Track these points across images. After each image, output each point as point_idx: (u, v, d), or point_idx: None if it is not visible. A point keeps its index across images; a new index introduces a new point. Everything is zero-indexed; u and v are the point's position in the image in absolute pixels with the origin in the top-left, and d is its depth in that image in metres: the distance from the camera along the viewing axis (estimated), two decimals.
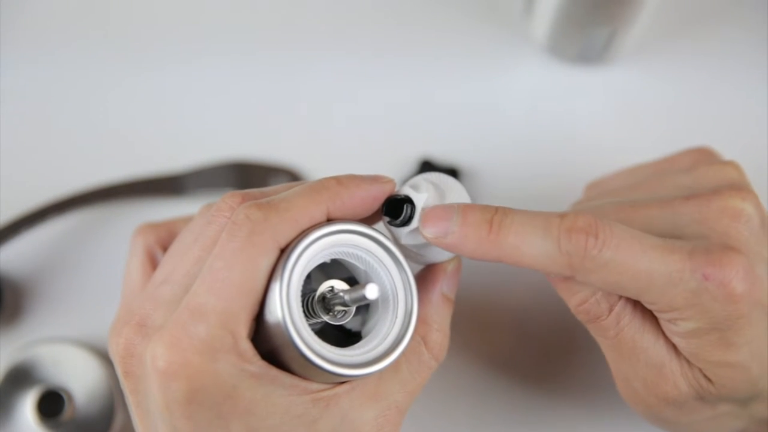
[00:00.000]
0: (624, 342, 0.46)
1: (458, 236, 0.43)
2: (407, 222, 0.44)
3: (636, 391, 0.48)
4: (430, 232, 0.43)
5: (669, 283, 0.42)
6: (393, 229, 0.45)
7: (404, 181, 0.46)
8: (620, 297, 0.45)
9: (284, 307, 0.39)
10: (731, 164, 0.48)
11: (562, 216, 0.42)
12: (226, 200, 0.42)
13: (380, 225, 0.46)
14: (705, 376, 0.45)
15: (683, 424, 0.49)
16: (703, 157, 0.52)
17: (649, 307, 0.44)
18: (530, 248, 0.42)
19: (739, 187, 0.46)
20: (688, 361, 0.46)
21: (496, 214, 0.43)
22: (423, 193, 0.44)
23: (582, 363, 0.60)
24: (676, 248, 0.42)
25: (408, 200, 0.44)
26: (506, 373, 0.61)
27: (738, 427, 0.49)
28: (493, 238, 0.42)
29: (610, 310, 0.45)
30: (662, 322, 0.45)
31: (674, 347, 0.46)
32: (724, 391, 0.45)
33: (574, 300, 0.46)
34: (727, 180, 0.47)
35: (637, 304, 0.45)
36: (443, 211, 0.43)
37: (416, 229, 0.44)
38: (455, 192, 0.45)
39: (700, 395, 0.46)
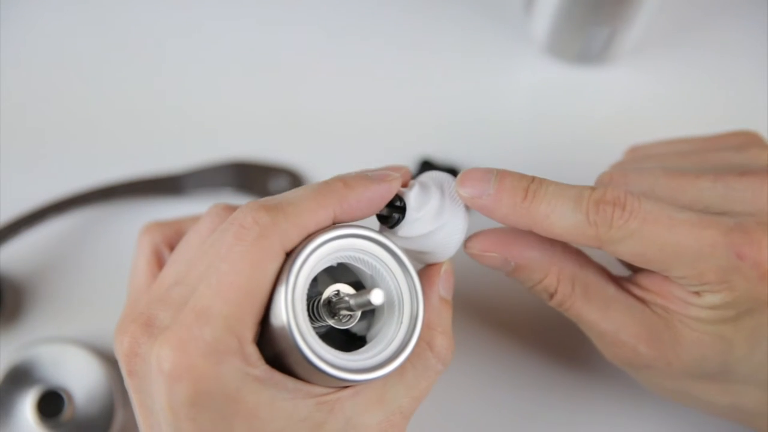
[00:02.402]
0: (571, 316, 0.48)
1: (493, 199, 0.44)
2: (393, 226, 0.44)
3: (601, 349, 0.49)
4: (466, 192, 0.44)
5: (698, 256, 0.43)
6: (379, 224, 0.45)
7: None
8: (557, 288, 0.47)
9: (289, 311, 0.39)
10: None
11: (593, 188, 0.43)
12: (244, 209, 0.42)
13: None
14: (677, 333, 0.46)
15: (666, 389, 0.50)
16: (753, 139, 0.52)
17: (676, 281, 0.45)
18: (560, 218, 0.43)
19: None
20: (651, 325, 0.46)
21: (532, 183, 0.44)
22: (420, 212, 0.44)
23: (583, 361, 0.60)
24: (713, 223, 0.43)
25: (401, 210, 0.44)
26: (506, 371, 0.61)
27: (712, 412, 0.50)
28: (527, 205, 0.43)
29: (551, 297, 0.47)
30: (681, 292, 0.45)
31: (630, 315, 0.47)
32: (692, 355, 0.46)
33: (524, 286, 0.48)
34: None
35: (575, 288, 0.47)
36: (481, 173, 0.44)
37: (400, 237, 0.44)
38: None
39: (664, 359, 0.47)
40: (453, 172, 0.63)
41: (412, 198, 0.44)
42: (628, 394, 0.58)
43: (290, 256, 0.40)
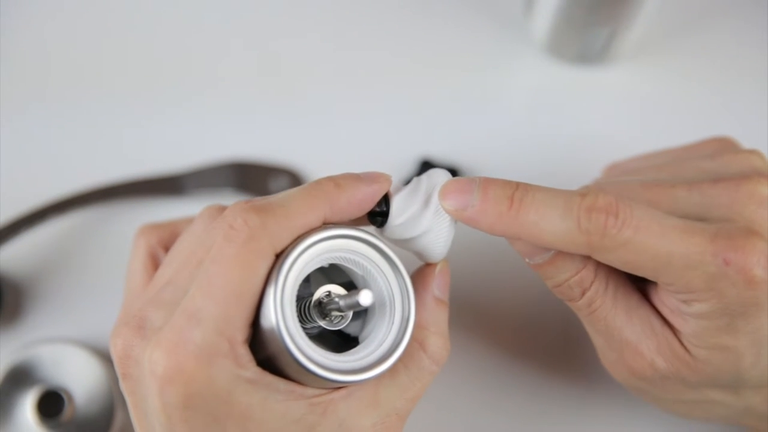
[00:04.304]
0: (597, 320, 0.46)
1: (478, 211, 0.43)
2: (380, 226, 0.44)
3: (613, 362, 0.49)
4: (449, 205, 0.43)
5: (688, 265, 0.42)
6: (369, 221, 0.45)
7: (406, 181, 0.45)
8: (593, 282, 0.45)
9: (278, 312, 0.39)
10: (756, 153, 0.48)
11: (583, 194, 0.42)
12: (234, 210, 0.42)
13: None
14: (689, 352, 0.45)
15: (665, 400, 0.50)
16: (726, 145, 0.52)
17: (665, 288, 0.44)
18: (550, 225, 0.42)
19: (767, 174, 0.46)
20: (667, 339, 0.46)
21: (517, 190, 0.43)
22: (400, 218, 0.43)
23: (583, 357, 0.60)
24: (698, 231, 0.42)
25: (384, 214, 0.44)
26: (504, 372, 0.61)
27: (727, 415, 0.50)
28: (513, 214, 0.42)
29: (582, 294, 0.45)
30: (672, 301, 0.45)
31: (650, 326, 0.46)
32: (706, 370, 0.46)
33: (550, 283, 0.46)
34: (753, 167, 0.47)
35: (609, 287, 0.46)
36: (464, 184, 0.43)
37: (386, 237, 0.44)
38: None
39: (679, 374, 0.46)
40: (453, 171, 0.63)
41: (395, 203, 0.44)
42: (626, 395, 0.58)
43: (280, 257, 0.40)
